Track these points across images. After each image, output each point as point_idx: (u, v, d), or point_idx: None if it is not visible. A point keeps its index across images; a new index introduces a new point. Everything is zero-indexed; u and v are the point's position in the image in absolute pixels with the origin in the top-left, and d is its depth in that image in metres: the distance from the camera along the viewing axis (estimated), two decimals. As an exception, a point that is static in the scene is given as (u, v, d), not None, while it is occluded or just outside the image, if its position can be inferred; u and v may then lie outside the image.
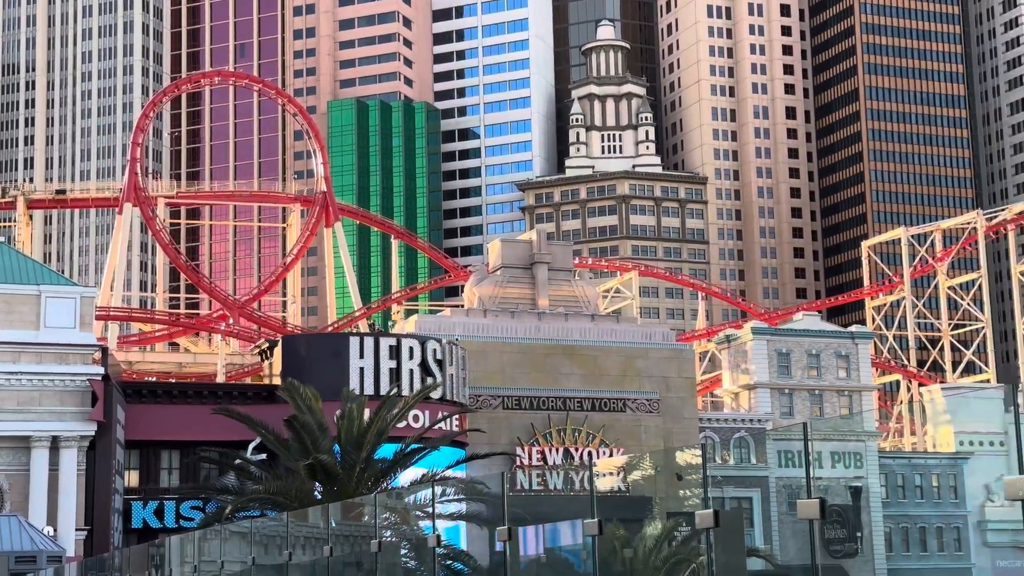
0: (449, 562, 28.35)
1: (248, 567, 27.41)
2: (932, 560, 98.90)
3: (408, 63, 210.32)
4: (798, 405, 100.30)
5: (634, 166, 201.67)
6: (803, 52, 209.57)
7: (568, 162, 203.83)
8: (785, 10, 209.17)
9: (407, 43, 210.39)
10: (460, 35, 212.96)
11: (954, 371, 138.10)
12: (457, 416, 71.35)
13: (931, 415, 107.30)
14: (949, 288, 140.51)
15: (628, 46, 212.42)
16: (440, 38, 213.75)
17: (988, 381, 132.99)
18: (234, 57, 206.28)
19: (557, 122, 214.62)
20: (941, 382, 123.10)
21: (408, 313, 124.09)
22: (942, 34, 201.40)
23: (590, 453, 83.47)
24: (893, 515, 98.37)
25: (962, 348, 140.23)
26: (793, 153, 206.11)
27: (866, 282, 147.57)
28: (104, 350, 62.76)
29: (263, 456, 57.25)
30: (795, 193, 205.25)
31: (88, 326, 62.09)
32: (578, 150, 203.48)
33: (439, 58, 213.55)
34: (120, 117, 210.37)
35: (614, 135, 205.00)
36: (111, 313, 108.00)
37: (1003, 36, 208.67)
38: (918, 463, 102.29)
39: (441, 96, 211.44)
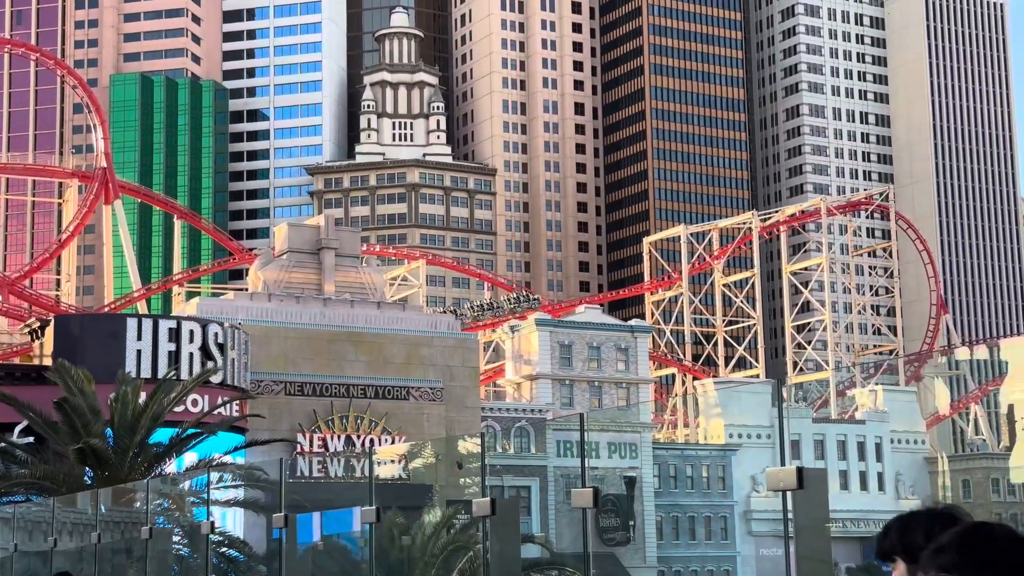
0: (224, 549, 27.89)
1: (10, 554, 26.40)
2: (700, 548, 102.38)
3: (196, 40, 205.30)
4: (578, 396, 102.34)
5: (425, 155, 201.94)
6: (593, 50, 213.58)
7: (358, 148, 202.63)
8: (576, 7, 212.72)
9: (195, 19, 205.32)
10: (251, 14, 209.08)
11: (726, 366, 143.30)
12: (238, 401, 70.19)
13: (703, 408, 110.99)
14: (724, 286, 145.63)
15: (422, 34, 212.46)
16: (230, 16, 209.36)
17: (757, 376, 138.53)
18: (10, 24, 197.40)
19: (349, 108, 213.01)
20: (714, 376, 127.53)
21: (190, 295, 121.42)
22: (724, 39, 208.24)
23: (372, 440, 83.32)
24: (664, 504, 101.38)
25: (735, 344, 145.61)
26: (581, 149, 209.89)
27: (646, 277, 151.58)
28: None
29: (31, 439, 55.15)
30: (581, 188, 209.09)
31: None
32: (369, 136, 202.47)
33: (229, 36, 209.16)
34: None
35: (405, 123, 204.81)
36: None
37: (781, 44, 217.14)
38: (689, 454, 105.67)
39: (230, 75, 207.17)
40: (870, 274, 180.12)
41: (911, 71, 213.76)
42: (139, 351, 68.42)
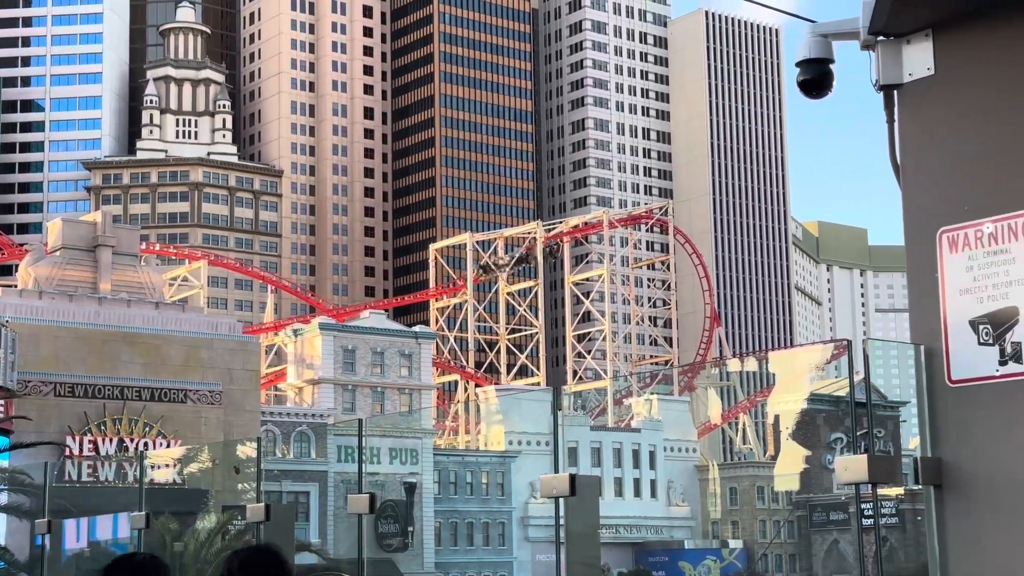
0: (-16, 557, 26.74)
1: None
2: (478, 554, 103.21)
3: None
4: (360, 401, 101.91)
5: (209, 153, 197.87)
6: (383, 55, 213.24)
7: (140, 144, 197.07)
8: (367, 11, 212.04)
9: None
10: (27, 1, 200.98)
11: (508, 373, 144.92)
12: (2, 402, 67.36)
13: (485, 415, 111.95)
14: (508, 294, 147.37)
15: (209, 31, 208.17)
16: (5, 2, 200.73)
17: (539, 384, 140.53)
18: None
19: (130, 102, 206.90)
20: (496, 383, 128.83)
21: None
22: (514, 51, 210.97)
23: (145, 444, 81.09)
24: (444, 510, 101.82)
25: (517, 352, 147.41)
26: (369, 153, 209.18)
27: (432, 284, 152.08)
28: None
29: None
30: (369, 192, 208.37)
31: None
32: (151, 132, 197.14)
33: (3, 23, 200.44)
34: None
35: (190, 120, 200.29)
36: None
37: (568, 58, 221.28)
38: (470, 460, 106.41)
39: (3, 63, 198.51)
40: (649, 286, 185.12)
41: (691, 91, 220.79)
42: None
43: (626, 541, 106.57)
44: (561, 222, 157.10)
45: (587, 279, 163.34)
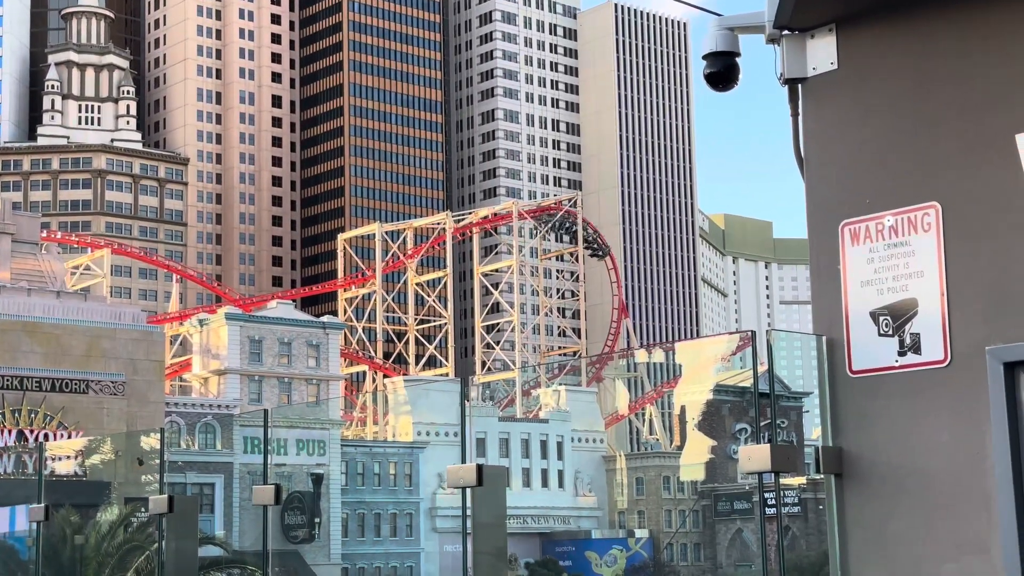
0: None
1: None
2: (385, 545, 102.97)
3: None
4: (267, 392, 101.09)
5: (113, 140, 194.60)
6: (292, 43, 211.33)
7: (41, 130, 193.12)
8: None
9: None
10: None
11: (417, 364, 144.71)
12: None
13: (393, 405, 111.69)
14: (417, 284, 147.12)
15: (112, 15, 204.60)
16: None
17: (447, 374, 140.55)
18: None
19: (31, 87, 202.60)
20: (404, 374, 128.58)
21: None
22: (423, 40, 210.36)
23: (46, 435, 79.61)
24: (351, 501, 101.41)
25: (426, 342, 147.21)
26: (277, 142, 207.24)
27: (340, 274, 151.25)
28: None
29: None
30: (277, 181, 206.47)
31: None
32: (52, 118, 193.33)
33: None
34: None
35: (93, 106, 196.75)
36: None
37: (478, 48, 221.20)
38: (378, 451, 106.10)
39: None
40: (557, 277, 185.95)
41: (600, 83, 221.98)
42: None
43: (534, 531, 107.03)
44: (471, 213, 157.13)
45: (496, 270, 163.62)
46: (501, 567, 12.32)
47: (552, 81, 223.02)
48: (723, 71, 6.85)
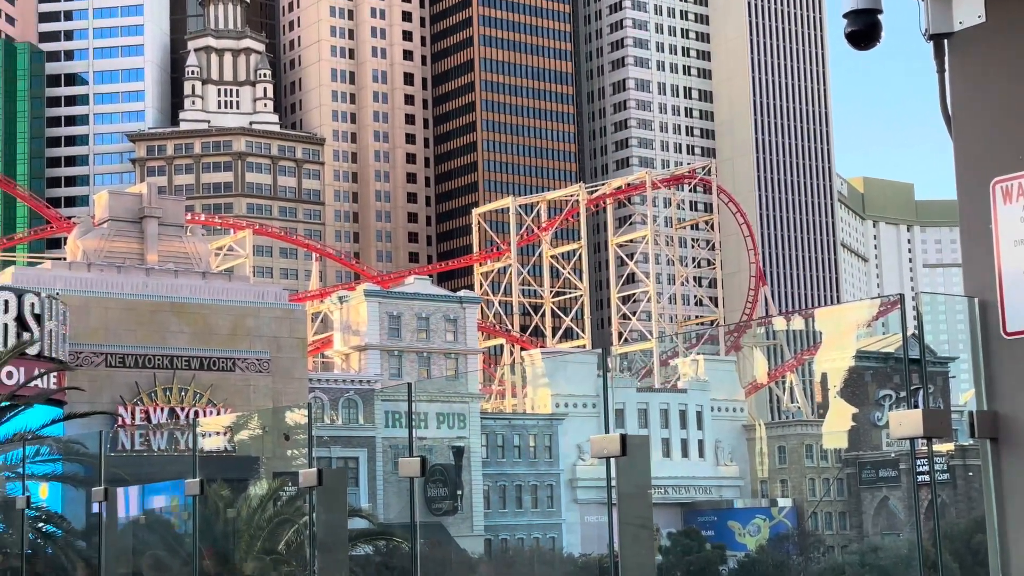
0: (41, 524, 27.18)
1: None
2: (527, 516, 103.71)
3: (10, 0, 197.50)
4: (407, 367, 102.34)
5: (251, 123, 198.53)
6: (422, 20, 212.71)
7: (183, 115, 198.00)
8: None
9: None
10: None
11: (553, 336, 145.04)
12: (55, 373, 68.26)
13: (531, 378, 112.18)
14: (552, 257, 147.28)
15: (248, 0, 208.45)
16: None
17: (584, 346, 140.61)
18: None
19: (172, 73, 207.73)
20: (541, 347, 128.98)
21: (4, 264, 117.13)
22: (553, 12, 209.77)
23: (196, 412, 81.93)
24: (492, 474, 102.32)
25: (562, 315, 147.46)
26: (410, 119, 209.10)
27: (475, 248, 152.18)
28: None
29: None
30: (411, 159, 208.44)
31: None
32: (193, 103, 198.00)
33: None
34: None
35: (231, 90, 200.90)
36: None
37: (608, 18, 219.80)
38: (517, 424, 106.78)
39: (47, 38, 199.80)
40: (693, 246, 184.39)
41: (733, 48, 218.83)
42: (-50, 322, 65.91)
43: (674, 502, 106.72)
44: (603, 184, 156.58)
45: (631, 240, 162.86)
46: (646, 537, 12.30)
47: (683, 48, 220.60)
48: (865, 29, 6.71)
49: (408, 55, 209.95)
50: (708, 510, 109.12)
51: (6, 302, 68.46)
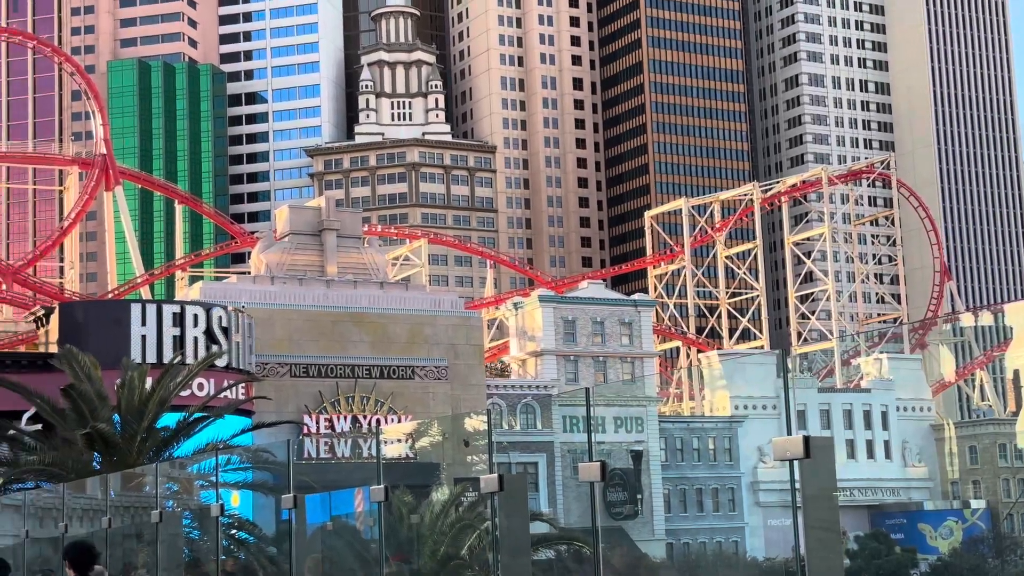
0: (234, 531, 28.03)
1: (22, 540, 26.52)
2: (708, 520, 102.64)
3: (192, 23, 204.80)
4: (583, 371, 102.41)
5: (424, 134, 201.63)
6: (590, 24, 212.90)
7: (358, 129, 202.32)
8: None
9: (191, 2, 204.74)
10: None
11: (730, 338, 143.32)
12: (243, 384, 70.32)
13: (708, 380, 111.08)
14: (726, 258, 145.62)
15: (418, 13, 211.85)
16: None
17: (762, 347, 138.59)
18: (7, 11, 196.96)
19: (347, 88, 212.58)
20: (718, 348, 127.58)
21: (192, 280, 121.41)
22: (722, 10, 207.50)
23: (378, 420, 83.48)
24: (672, 477, 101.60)
25: (738, 315, 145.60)
26: (580, 124, 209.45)
27: (649, 251, 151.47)
28: None
29: (38, 427, 55.26)
30: (582, 163, 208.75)
31: None
32: (368, 117, 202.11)
33: (225, 19, 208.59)
34: None
35: (404, 102, 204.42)
36: None
37: (779, 13, 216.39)
38: (696, 427, 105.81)
39: (227, 58, 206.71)
40: (873, 243, 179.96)
41: (910, 38, 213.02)
42: (144, 336, 68.55)
43: (861, 504, 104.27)
44: (778, 182, 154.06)
45: (807, 238, 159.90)
46: (833, 541, 11.98)
47: (858, 40, 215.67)
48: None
49: (576, 60, 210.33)
50: (897, 512, 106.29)
51: (195, 316, 70.89)
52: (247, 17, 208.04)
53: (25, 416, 56.97)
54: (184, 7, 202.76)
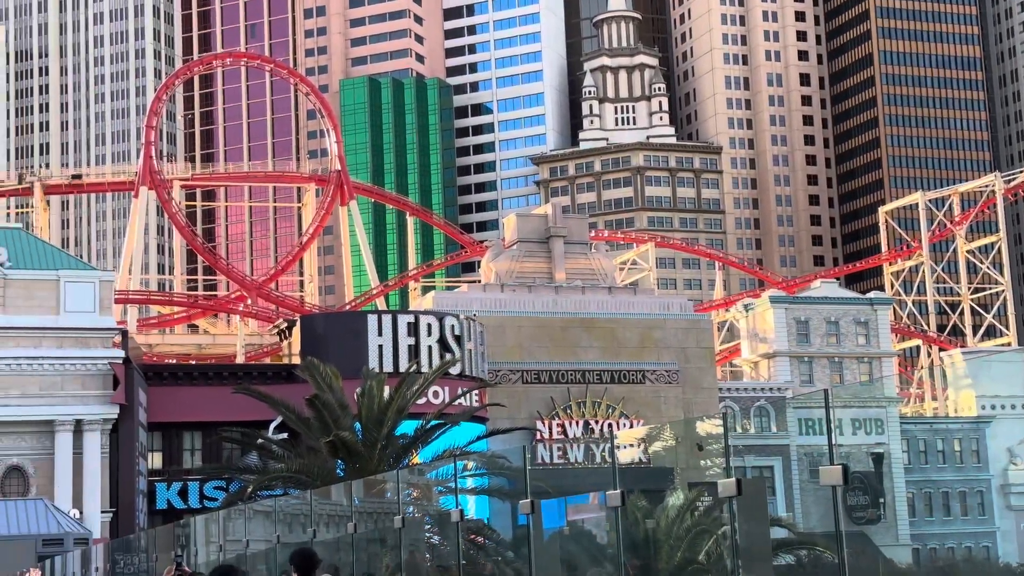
0: (473, 536, 28.47)
1: (273, 545, 27.51)
2: (955, 524, 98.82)
3: (419, 39, 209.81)
4: (817, 373, 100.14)
5: (648, 137, 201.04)
6: (816, 18, 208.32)
7: (582, 135, 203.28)
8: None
9: (418, 19, 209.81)
10: (471, 10, 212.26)
11: (974, 335, 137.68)
12: (477, 391, 71.44)
13: (952, 380, 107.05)
14: (968, 252, 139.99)
15: (639, 17, 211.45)
16: (450, 13, 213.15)
17: (1009, 344, 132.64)
18: (245, 38, 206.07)
19: (570, 95, 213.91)
20: (961, 346, 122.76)
21: (425, 290, 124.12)
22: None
23: (610, 425, 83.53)
24: (916, 480, 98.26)
25: (982, 312, 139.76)
26: (808, 120, 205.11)
27: (884, 248, 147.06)
28: (124, 333, 63.01)
29: (284, 435, 57.43)
30: (811, 160, 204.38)
31: (107, 310, 62.31)
32: (592, 122, 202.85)
33: (450, 33, 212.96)
34: (134, 101, 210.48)
35: (627, 107, 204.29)
36: (130, 296, 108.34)
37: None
38: (940, 428, 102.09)
39: (453, 72, 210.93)
40: None
41: None
42: (380, 346, 70.39)
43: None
44: (1022, 171, 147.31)
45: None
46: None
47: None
48: None
49: (803, 55, 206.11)
50: None
51: (429, 326, 72.41)
52: (471, 30, 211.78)
53: (272, 425, 59.31)
54: (411, 24, 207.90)
